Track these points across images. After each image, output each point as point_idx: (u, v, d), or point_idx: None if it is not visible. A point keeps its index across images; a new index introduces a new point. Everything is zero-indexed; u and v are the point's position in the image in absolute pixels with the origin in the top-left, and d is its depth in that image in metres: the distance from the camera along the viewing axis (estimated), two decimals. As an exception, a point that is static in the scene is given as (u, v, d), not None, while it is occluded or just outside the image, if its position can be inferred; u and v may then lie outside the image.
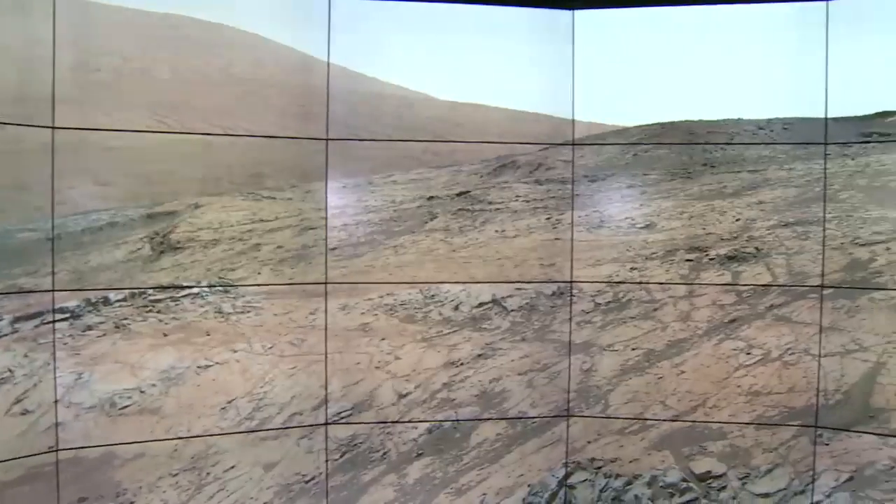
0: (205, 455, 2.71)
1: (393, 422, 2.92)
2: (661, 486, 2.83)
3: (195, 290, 2.85)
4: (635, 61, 3.03)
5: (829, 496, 2.73)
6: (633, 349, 2.97)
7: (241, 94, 3.08)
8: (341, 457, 2.89)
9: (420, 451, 2.91)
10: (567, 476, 2.94)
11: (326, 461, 2.86)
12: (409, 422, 2.93)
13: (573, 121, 3.06)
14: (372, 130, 3.11)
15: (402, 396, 2.94)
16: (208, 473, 2.70)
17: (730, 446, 2.85)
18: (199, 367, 2.77)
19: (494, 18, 3.06)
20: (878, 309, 2.79)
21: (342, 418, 2.90)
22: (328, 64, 2.89)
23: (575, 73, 3.02)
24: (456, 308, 3.05)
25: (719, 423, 2.87)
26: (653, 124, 3.25)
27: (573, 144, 3.11)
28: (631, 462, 2.89)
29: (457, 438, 2.94)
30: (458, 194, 3.22)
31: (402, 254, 3.09)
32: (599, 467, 2.92)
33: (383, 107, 3.22)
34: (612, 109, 3.14)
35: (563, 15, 3.02)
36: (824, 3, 2.84)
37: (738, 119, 3.16)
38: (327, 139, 2.90)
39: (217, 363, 2.81)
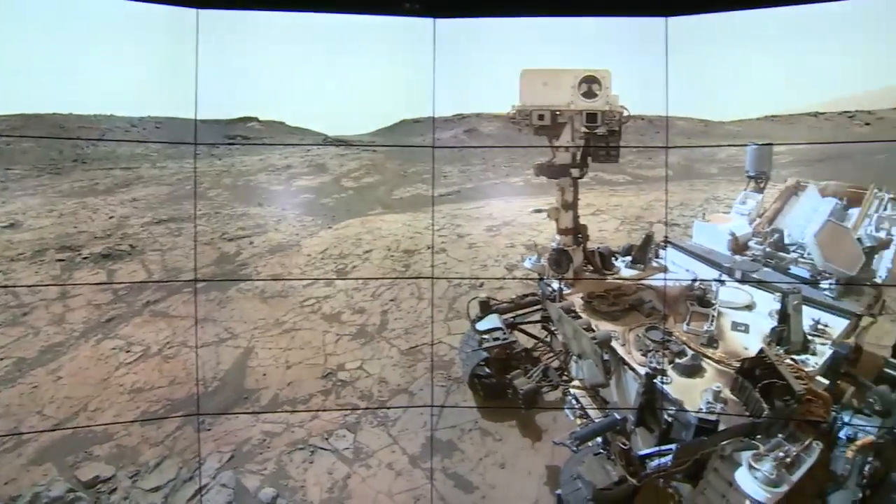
0: None
1: None
2: (47, 503, 2.70)
3: None
4: None
5: (214, 477, 2.86)
6: (3, 359, 2.82)
7: None
8: None
9: None
10: (-71, 512, 2.68)
11: None
12: None
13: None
14: None
15: None
16: None
17: (117, 447, 2.84)
18: None
19: None
20: (246, 298, 3.02)
21: None
22: None
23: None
24: None
25: (103, 425, 2.85)
26: (16, 115, 3.14)
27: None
28: (7, 483, 2.72)
29: None
30: None
31: None
32: (-30, 495, 2.70)
33: None
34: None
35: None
36: (195, 10, 2.94)
37: (111, 115, 3.20)
38: None
39: None
